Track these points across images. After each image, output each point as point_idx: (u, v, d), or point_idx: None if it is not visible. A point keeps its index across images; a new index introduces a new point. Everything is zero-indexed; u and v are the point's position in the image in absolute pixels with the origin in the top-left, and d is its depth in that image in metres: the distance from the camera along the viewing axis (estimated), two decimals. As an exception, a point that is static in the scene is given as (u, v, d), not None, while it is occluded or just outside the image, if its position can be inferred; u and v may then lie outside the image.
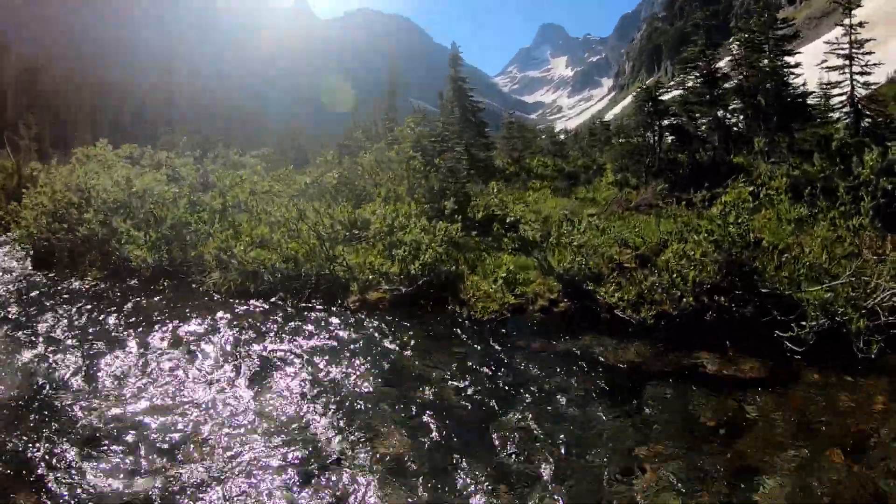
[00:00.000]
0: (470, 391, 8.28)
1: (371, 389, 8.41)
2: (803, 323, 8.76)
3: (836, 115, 20.94)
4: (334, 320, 11.12)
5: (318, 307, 11.94)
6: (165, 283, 13.87)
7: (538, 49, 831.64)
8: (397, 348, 9.86)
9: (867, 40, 19.03)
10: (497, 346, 9.82)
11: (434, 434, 7.16)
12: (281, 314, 11.53)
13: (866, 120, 18.28)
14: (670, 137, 25.27)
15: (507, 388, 8.37)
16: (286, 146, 55.32)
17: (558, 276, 11.37)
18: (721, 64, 28.95)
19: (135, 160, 24.20)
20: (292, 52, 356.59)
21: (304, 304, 12.09)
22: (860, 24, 19.02)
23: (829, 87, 19.85)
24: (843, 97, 19.44)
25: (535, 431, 7.17)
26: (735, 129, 26.62)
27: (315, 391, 8.34)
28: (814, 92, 25.03)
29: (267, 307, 12.05)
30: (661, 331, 9.81)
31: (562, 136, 66.15)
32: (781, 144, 19.26)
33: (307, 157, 42.81)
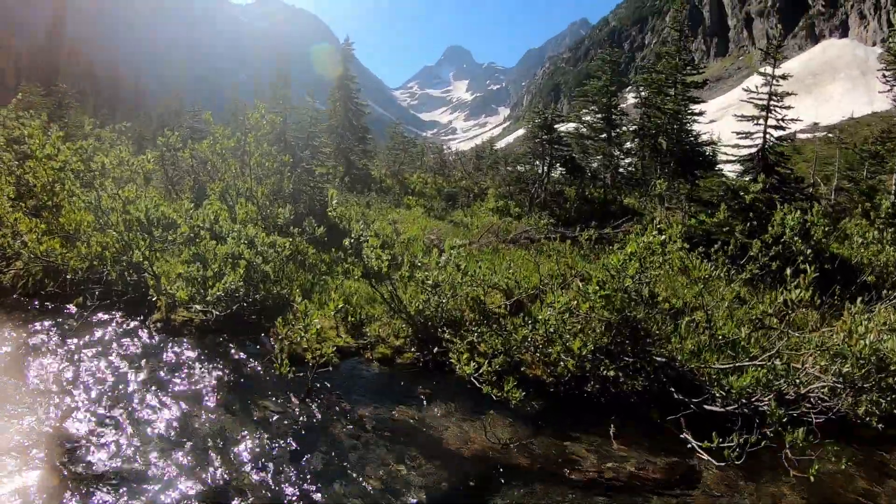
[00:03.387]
0: (266, 471, 6.01)
1: (140, 450, 6.18)
2: (709, 407, 6.83)
3: (737, 166, 19.41)
4: (126, 342, 8.77)
5: (117, 320, 9.55)
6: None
7: (442, 69, 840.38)
8: (192, 393, 7.49)
9: (788, 94, 17.55)
10: (316, 406, 7.44)
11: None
12: (70, 325, 9.26)
13: (774, 177, 16.77)
14: (560, 169, 23.58)
15: (316, 474, 6.07)
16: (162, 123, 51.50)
17: (409, 317, 9.01)
18: (622, 106, 27.78)
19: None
20: (198, 35, 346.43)
21: (103, 315, 9.70)
22: (783, 77, 17.52)
23: (742, 136, 18.22)
24: (755, 149, 17.90)
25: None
26: (629, 169, 25.32)
27: (74, 439, 6.27)
28: (715, 143, 23.96)
29: (59, 313, 9.74)
30: (532, 401, 7.59)
31: (451, 157, 64.69)
32: (681, 191, 17.63)
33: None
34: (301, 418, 7.12)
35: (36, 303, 10.15)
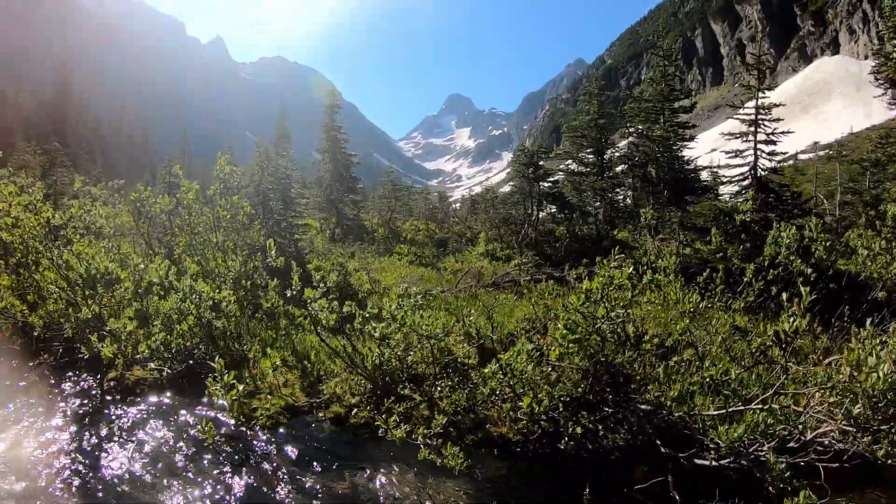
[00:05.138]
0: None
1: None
2: (699, 462, 5.98)
3: (733, 187, 18.48)
4: (74, 401, 8.30)
5: (74, 378, 9.15)
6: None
7: (444, 118, 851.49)
8: (125, 457, 6.81)
9: (775, 105, 16.72)
10: (257, 473, 6.56)
11: None
12: (25, 383, 8.93)
13: (770, 195, 15.82)
14: (551, 207, 22.77)
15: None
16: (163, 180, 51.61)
17: (367, 372, 8.10)
18: (618, 145, 27.12)
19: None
20: (204, 86, 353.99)
21: (62, 373, 9.31)
22: (769, 87, 16.74)
23: (732, 155, 17.32)
24: (745, 168, 17.00)
25: None
26: (622, 203, 24.51)
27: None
28: (708, 167, 23.10)
29: (20, 370, 9.40)
30: (495, 465, 6.61)
31: (454, 205, 64.67)
32: (672, 219, 16.69)
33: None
34: (241, 487, 6.31)
35: (8, 359, 9.77)
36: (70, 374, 9.27)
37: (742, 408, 6.04)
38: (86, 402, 8.30)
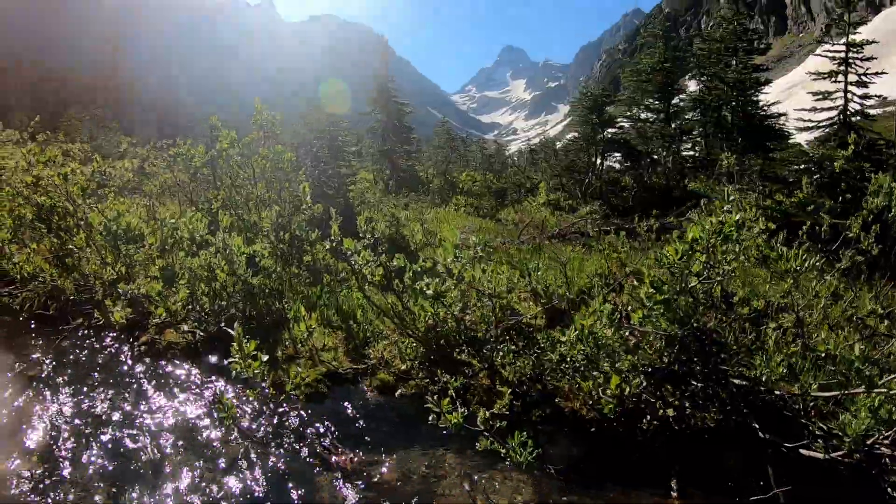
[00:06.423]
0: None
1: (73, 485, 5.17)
2: (809, 454, 5.00)
3: (815, 133, 17.00)
4: (103, 366, 7.68)
5: (105, 342, 8.42)
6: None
7: (498, 70, 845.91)
8: (152, 424, 6.22)
9: (868, 42, 15.17)
10: (289, 448, 5.84)
11: None
12: (58, 347, 8.25)
13: (862, 141, 14.37)
14: (615, 155, 21.57)
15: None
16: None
17: (420, 335, 7.25)
18: (686, 91, 25.63)
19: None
20: (253, 50, 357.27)
21: (94, 337, 8.57)
22: (860, 22, 15.26)
23: (819, 97, 15.78)
24: (834, 112, 15.53)
25: None
26: (692, 152, 23.14)
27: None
28: (785, 114, 21.48)
29: (53, 335, 8.65)
30: (566, 447, 5.71)
31: (512, 157, 64.03)
32: (753, 167, 15.37)
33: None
34: (269, 467, 5.57)
35: (35, 325, 9.14)
36: (104, 338, 8.61)
37: (863, 391, 4.96)
38: (113, 367, 7.69)
